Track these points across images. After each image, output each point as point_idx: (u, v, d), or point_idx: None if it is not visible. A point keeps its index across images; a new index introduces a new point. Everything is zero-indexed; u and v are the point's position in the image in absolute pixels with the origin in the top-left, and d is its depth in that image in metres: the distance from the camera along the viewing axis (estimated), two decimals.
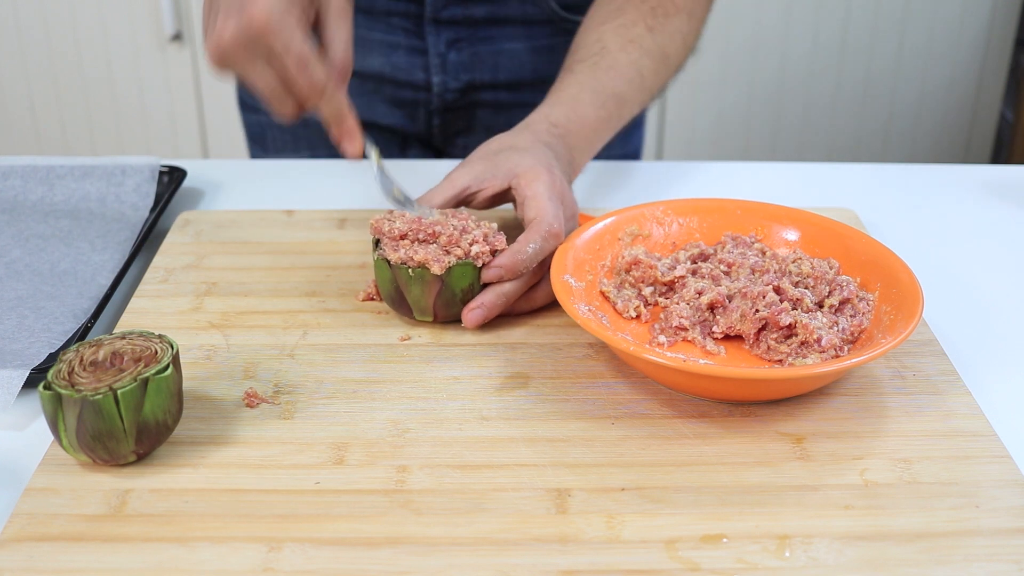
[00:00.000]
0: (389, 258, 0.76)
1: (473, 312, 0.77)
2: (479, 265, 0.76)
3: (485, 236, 0.77)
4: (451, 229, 0.77)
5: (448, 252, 0.75)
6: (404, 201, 0.80)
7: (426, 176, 1.03)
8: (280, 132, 1.19)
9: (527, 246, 0.77)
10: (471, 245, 0.76)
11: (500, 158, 0.83)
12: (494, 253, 0.77)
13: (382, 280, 0.78)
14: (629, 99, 0.93)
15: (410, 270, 0.75)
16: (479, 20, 1.10)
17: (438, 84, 1.13)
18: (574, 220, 0.83)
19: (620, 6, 0.96)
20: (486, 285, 0.77)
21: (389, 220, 0.78)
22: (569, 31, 1.12)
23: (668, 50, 0.96)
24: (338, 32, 0.78)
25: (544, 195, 0.79)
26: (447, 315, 0.78)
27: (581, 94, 0.90)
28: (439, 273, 0.75)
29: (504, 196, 0.83)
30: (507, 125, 1.17)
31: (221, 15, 0.74)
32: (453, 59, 1.11)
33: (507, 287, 0.77)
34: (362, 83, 1.13)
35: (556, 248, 0.78)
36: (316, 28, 0.79)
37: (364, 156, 0.81)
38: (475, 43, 1.11)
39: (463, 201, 0.83)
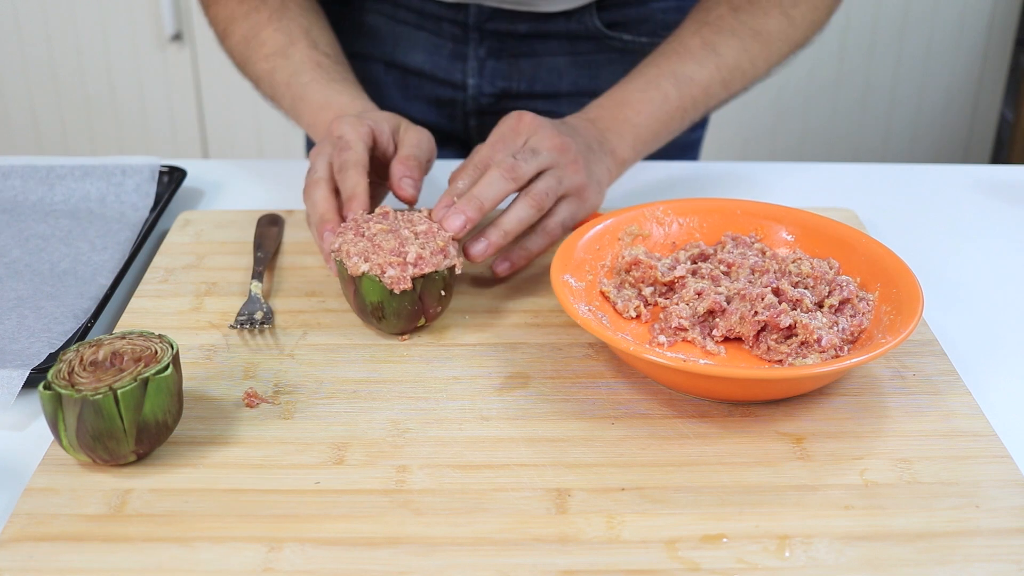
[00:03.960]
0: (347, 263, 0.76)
1: (475, 246, 0.78)
2: (391, 287, 0.74)
3: (420, 256, 0.75)
4: (394, 241, 0.76)
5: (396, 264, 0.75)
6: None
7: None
8: None
9: (457, 183, 0.80)
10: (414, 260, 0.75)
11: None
12: (423, 277, 0.75)
13: (345, 290, 0.78)
14: (699, 77, 0.91)
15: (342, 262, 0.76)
16: (522, 34, 1.11)
17: (473, 87, 1.14)
18: (557, 152, 0.81)
19: None
20: (420, 303, 0.76)
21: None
22: (614, 48, 1.12)
23: (761, 27, 0.93)
24: (405, 139, 0.85)
25: (488, 142, 0.82)
26: (366, 318, 0.77)
27: (627, 80, 0.90)
28: (355, 274, 0.75)
29: None
30: None
31: None
32: (491, 65, 1.12)
33: (503, 220, 0.78)
34: (404, 77, 1.15)
35: (509, 180, 0.78)
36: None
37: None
38: (517, 55, 1.12)
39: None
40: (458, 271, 0.77)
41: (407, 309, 0.75)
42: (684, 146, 1.19)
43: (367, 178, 0.80)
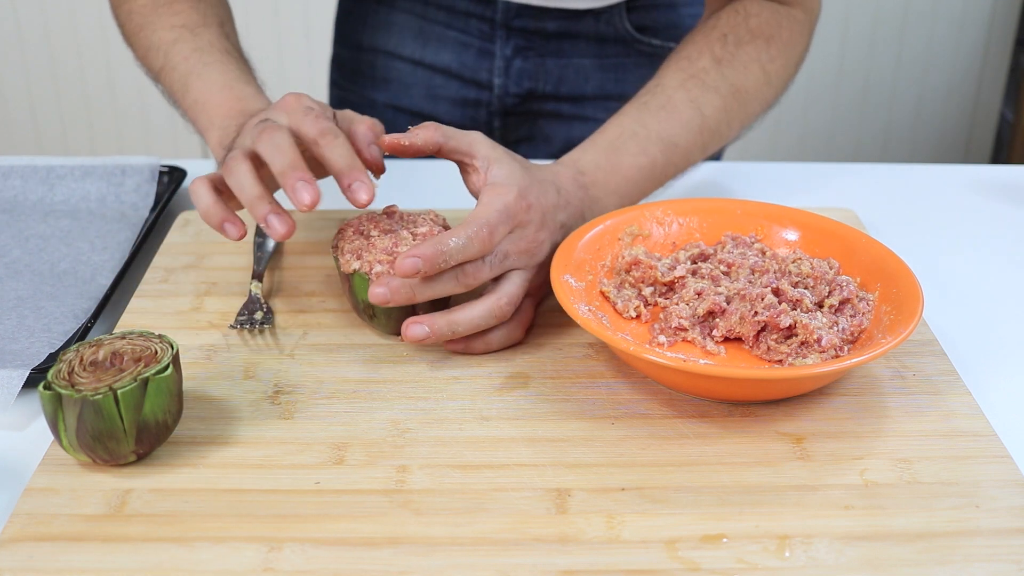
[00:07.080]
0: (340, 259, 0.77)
1: (414, 327, 0.72)
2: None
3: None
4: (390, 241, 0.76)
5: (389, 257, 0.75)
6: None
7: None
8: None
9: (450, 239, 0.70)
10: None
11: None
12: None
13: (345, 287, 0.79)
14: (683, 143, 0.86)
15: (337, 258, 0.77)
16: (550, 33, 1.11)
17: (499, 87, 1.14)
18: (527, 256, 0.76)
19: (690, 36, 0.91)
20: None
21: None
22: (642, 52, 1.12)
23: (741, 83, 0.89)
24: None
25: (496, 207, 0.73)
26: (360, 316, 0.78)
27: (620, 140, 0.85)
28: (347, 272, 0.76)
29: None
30: (567, 136, 1.17)
31: None
32: (517, 65, 1.13)
33: (458, 318, 0.73)
34: (431, 77, 1.15)
35: (477, 255, 0.72)
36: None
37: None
38: (544, 54, 1.12)
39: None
40: None
41: (397, 309, 0.75)
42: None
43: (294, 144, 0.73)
